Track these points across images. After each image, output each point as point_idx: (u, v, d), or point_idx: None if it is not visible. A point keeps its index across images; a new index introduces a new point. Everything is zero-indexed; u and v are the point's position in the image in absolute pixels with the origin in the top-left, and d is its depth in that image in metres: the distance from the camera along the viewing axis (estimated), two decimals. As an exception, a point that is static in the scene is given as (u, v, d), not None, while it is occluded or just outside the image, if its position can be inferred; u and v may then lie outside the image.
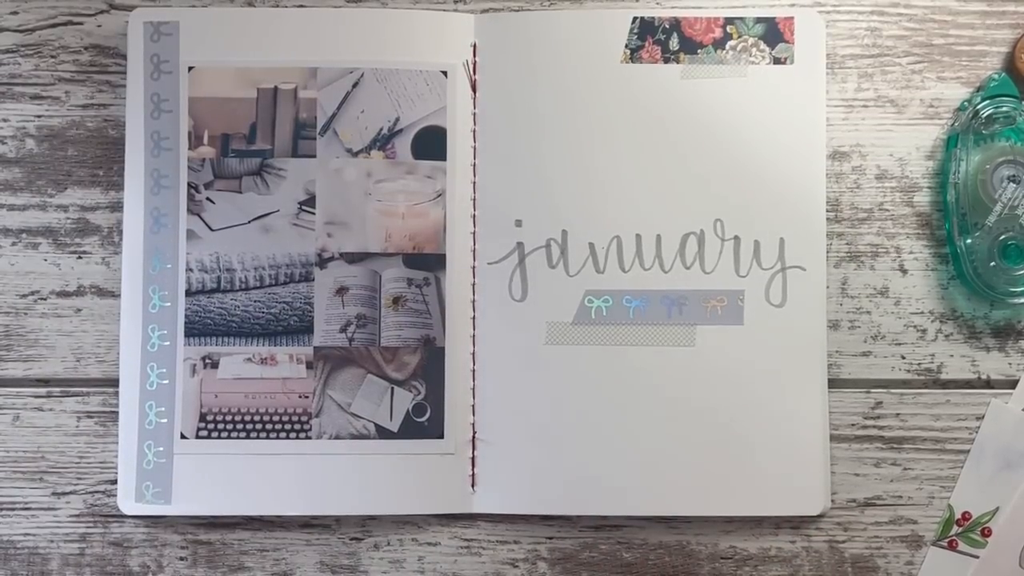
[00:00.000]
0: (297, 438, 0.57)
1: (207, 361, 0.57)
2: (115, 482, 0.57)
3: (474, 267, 0.58)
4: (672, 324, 0.57)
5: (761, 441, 0.56)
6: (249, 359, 0.57)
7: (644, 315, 0.57)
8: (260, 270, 0.57)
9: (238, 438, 0.57)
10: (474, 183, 0.58)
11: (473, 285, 0.58)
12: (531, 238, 0.57)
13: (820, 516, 0.57)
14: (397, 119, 0.58)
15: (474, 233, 0.58)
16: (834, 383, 0.57)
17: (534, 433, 0.57)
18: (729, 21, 0.58)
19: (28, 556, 0.58)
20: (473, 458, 0.57)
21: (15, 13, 0.59)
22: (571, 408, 0.57)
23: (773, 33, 0.57)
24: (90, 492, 0.58)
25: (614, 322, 0.57)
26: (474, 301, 0.58)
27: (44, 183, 0.58)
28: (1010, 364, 0.58)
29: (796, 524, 0.57)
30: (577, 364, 0.57)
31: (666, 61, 0.58)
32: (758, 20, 0.58)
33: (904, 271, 0.58)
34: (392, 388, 0.57)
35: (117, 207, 0.58)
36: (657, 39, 0.57)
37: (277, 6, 0.59)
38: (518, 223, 0.58)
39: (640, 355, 0.57)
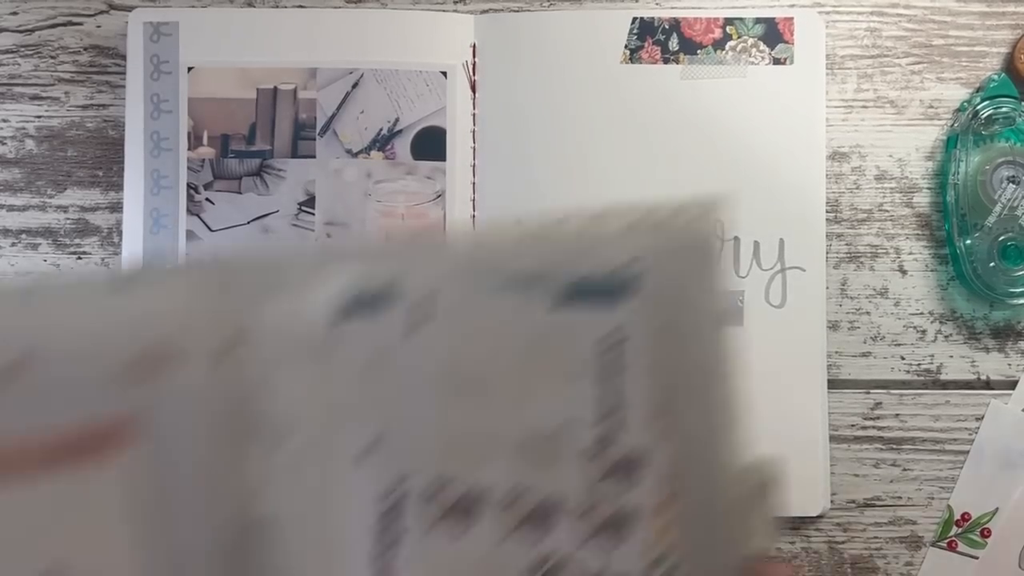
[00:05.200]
0: (297, 438, 0.57)
1: (207, 361, 0.57)
2: (115, 482, 0.57)
3: (474, 268, 0.58)
4: (672, 325, 0.57)
5: (760, 442, 0.56)
6: (249, 359, 0.57)
7: (644, 316, 0.57)
8: (260, 270, 0.57)
9: (238, 438, 0.57)
10: (474, 183, 0.58)
11: (473, 286, 0.58)
12: (531, 239, 0.57)
13: (819, 517, 0.57)
14: (397, 120, 0.58)
15: (474, 234, 0.58)
16: (833, 384, 0.57)
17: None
18: (729, 21, 0.58)
19: (28, 556, 0.58)
20: (473, 459, 0.57)
21: (15, 13, 0.59)
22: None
23: (773, 33, 0.57)
24: (90, 492, 0.58)
25: (614, 323, 0.57)
26: (474, 302, 0.58)
27: (44, 184, 0.58)
28: (1010, 365, 0.58)
29: (795, 524, 0.57)
30: (577, 365, 0.57)
31: (666, 61, 0.57)
32: (758, 20, 0.58)
33: (904, 272, 0.58)
34: (392, 389, 0.57)
35: (117, 208, 0.58)
36: (657, 39, 0.57)
37: (277, 6, 0.59)
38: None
39: (640, 356, 0.57)
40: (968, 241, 0.56)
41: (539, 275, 0.31)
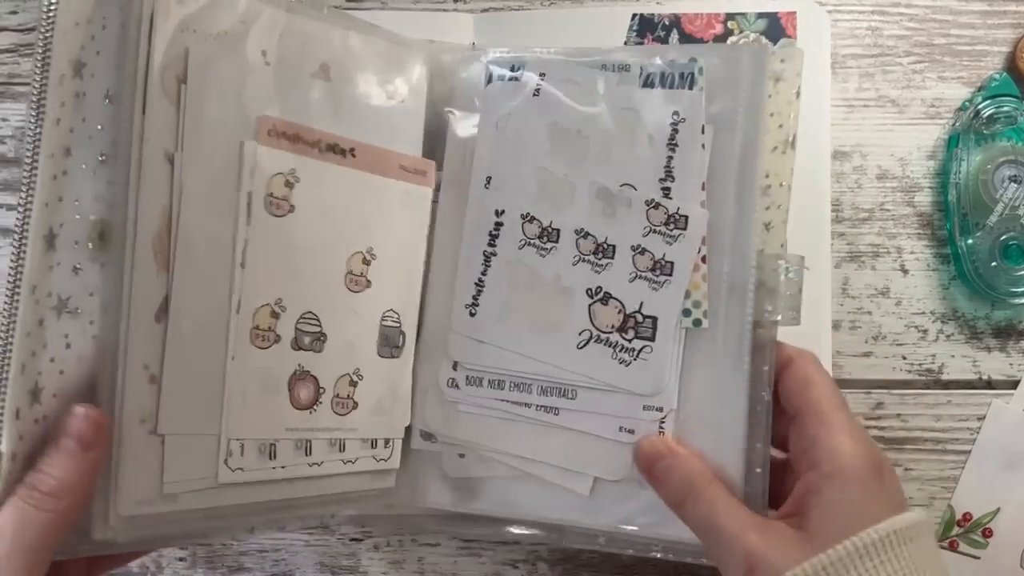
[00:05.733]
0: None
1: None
2: (113, 482, 0.57)
3: (474, 266, 0.58)
4: (673, 324, 0.57)
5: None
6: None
7: (645, 315, 0.57)
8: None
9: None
10: (474, 182, 0.58)
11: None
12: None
13: (821, 517, 0.57)
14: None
15: (474, 232, 0.58)
16: (835, 383, 0.57)
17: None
18: (730, 16, 0.57)
19: (26, 556, 0.57)
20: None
21: (14, 13, 0.59)
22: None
23: (775, 28, 0.57)
24: (88, 492, 0.57)
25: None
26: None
27: (43, 182, 0.58)
28: (1011, 364, 0.57)
29: (797, 525, 0.57)
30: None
31: (667, 60, 0.57)
32: (760, 15, 0.57)
33: (905, 271, 0.58)
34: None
35: (116, 206, 0.58)
36: (657, 36, 0.57)
37: (277, 5, 0.58)
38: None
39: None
40: (970, 240, 0.56)
41: (629, 63, 0.47)
